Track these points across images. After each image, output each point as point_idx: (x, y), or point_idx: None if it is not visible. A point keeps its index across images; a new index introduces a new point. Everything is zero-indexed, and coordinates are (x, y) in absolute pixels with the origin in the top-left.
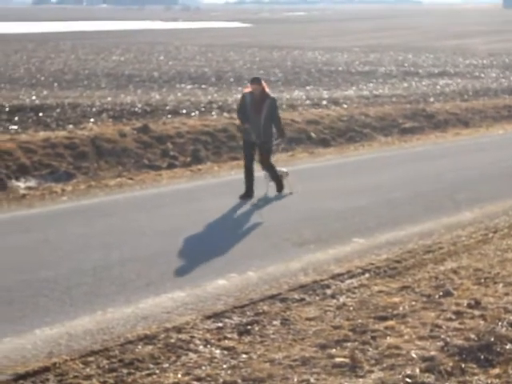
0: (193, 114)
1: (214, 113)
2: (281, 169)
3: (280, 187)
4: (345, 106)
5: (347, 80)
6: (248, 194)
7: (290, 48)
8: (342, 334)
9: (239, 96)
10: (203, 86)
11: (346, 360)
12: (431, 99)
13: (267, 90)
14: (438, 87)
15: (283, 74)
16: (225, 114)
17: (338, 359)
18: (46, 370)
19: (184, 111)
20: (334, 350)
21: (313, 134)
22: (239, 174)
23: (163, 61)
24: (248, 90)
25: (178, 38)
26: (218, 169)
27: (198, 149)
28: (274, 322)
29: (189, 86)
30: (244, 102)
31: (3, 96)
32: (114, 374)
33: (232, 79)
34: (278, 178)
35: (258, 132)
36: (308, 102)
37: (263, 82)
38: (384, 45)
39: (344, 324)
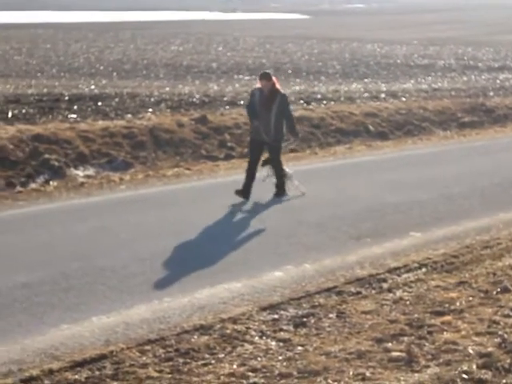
0: None
1: None
2: (286, 169)
3: (281, 191)
4: (403, 99)
5: (406, 73)
6: (245, 194)
7: (348, 40)
8: (398, 328)
9: (296, 88)
10: None
11: (403, 354)
12: (491, 93)
13: (278, 85)
14: (498, 81)
15: (341, 67)
16: None
17: (394, 353)
18: (103, 357)
19: (242, 102)
20: (390, 344)
21: (371, 127)
22: (297, 166)
23: (222, 51)
24: (258, 85)
25: (237, 29)
26: None
27: None
28: (330, 315)
29: (247, 77)
30: (253, 99)
31: (63, 85)
32: (170, 363)
33: (290, 71)
34: (281, 180)
35: (268, 130)
36: (366, 94)
37: (273, 77)
38: (444, 38)
39: (400, 318)
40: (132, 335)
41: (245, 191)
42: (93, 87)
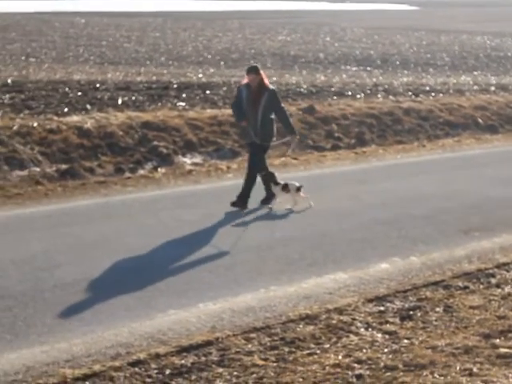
0: (358, 96)
1: (379, 95)
2: (293, 183)
3: (267, 198)
4: None
5: None
6: (242, 203)
7: (457, 32)
8: (506, 324)
9: (404, 80)
10: (368, 69)
11: (511, 351)
12: None
13: (266, 80)
14: None
15: (450, 59)
16: (391, 97)
17: (502, 350)
18: (209, 343)
19: (349, 93)
20: (497, 340)
21: (480, 120)
22: (405, 158)
23: (329, 42)
24: (244, 81)
25: (345, 20)
26: (383, 152)
27: (362, 131)
28: (437, 309)
29: (354, 68)
30: (240, 96)
31: (171, 73)
32: (276, 351)
33: (398, 62)
34: (268, 186)
35: (255, 130)
36: (475, 87)
37: (261, 71)
38: None
39: (509, 314)
40: (238, 322)
41: (242, 200)
42: (201, 76)
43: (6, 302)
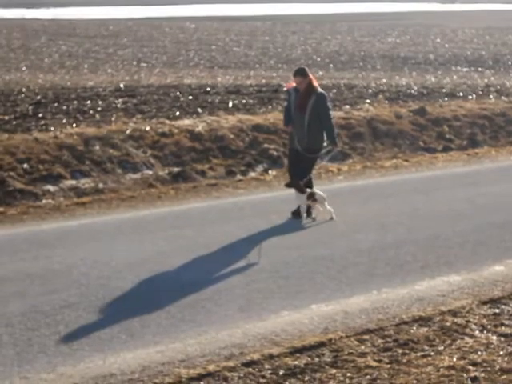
0: (469, 97)
1: (491, 96)
2: (319, 192)
3: (299, 213)
4: None
5: None
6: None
7: None
8: None
9: None
10: (480, 69)
11: None
12: None
13: (315, 83)
14: None
15: None
16: (503, 98)
17: None
18: (322, 345)
19: (460, 94)
20: None
21: None
22: None
23: (439, 43)
24: (292, 84)
25: (455, 21)
26: (496, 153)
27: (474, 132)
28: None
29: (465, 69)
30: (289, 100)
31: (281, 76)
32: (389, 353)
33: (510, 63)
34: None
35: (302, 137)
36: None
37: (310, 74)
38: None
39: None
40: (350, 324)
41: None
42: None
43: (121, 302)
